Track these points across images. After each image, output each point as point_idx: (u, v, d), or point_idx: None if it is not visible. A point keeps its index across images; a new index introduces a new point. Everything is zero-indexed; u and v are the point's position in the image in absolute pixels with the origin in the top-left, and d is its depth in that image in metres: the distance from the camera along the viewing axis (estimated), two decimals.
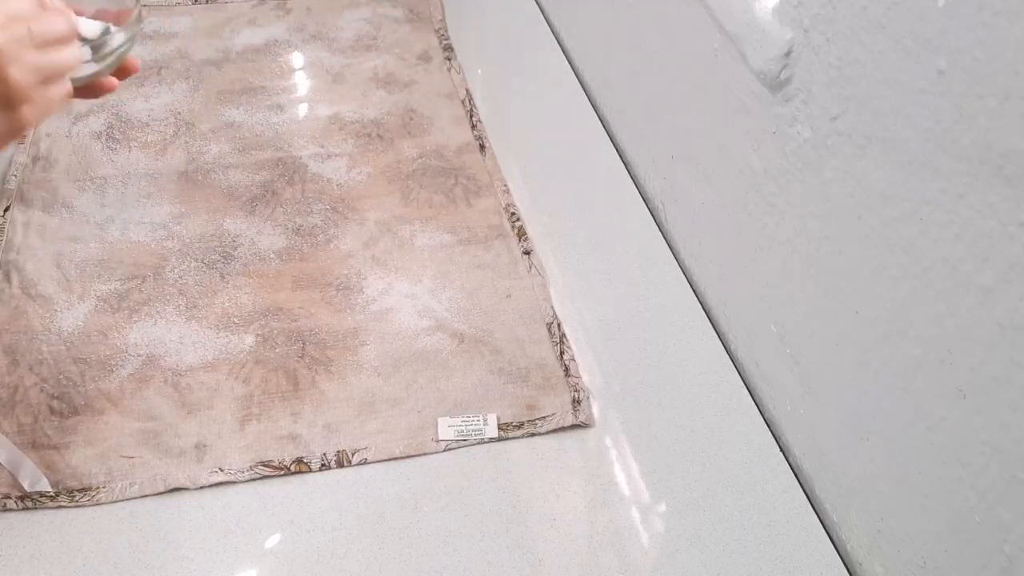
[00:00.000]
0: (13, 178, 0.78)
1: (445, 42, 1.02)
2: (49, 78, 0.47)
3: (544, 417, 0.63)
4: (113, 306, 0.68)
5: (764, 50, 0.60)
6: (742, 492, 0.60)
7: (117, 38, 0.53)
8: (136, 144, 0.83)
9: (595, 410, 0.65)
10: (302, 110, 0.90)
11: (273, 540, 0.55)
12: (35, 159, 0.81)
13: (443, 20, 1.06)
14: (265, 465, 0.59)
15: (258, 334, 0.67)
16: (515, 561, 0.55)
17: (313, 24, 1.03)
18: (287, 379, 0.64)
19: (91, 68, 0.53)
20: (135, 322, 0.67)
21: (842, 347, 0.57)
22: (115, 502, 0.56)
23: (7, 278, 0.69)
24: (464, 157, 0.86)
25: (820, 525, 0.59)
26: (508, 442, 0.62)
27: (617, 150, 0.90)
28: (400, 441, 0.61)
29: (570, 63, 1.02)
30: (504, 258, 0.75)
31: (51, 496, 0.56)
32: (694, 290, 0.76)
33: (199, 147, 0.84)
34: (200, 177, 0.80)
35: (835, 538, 0.60)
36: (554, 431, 0.63)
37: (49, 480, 0.56)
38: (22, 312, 0.67)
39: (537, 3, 1.12)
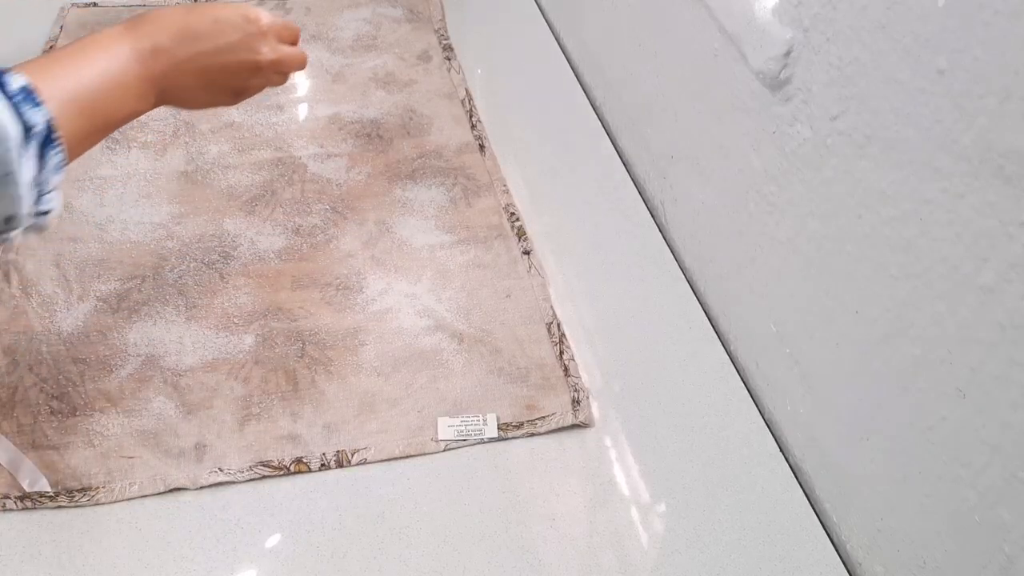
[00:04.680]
0: None
1: (445, 42, 1.02)
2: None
3: (544, 417, 0.63)
4: (112, 306, 0.68)
5: (764, 50, 0.60)
6: (742, 492, 0.60)
7: None
8: (136, 144, 0.83)
9: (595, 410, 0.65)
10: (302, 110, 0.90)
11: (273, 540, 0.55)
12: None
13: (443, 20, 1.06)
14: (265, 465, 0.59)
15: (258, 334, 0.67)
16: (515, 561, 0.55)
17: (313, 24, 1.03)
18: (287, 379, 0.64)
19: None
20: (134, 322, 0.67)
21: (842, 347, 0.57)
22: (115, 502, 0.56)
23: (7, 278, 0.69)
24: (464, 157, 0.86)
25: (820, 525, 0.59)
26: (508, 442, 0.62)
27: (617, 150, 0.90)
28: (400, 441, 0.61)
29: (570, 63, 1.02)
30: (504, 258, 0.75)
31: (51, 496, 0.56)
32: (694, 290, 0.76)
33: (199, 147, 0.84)
34: (200, 177, 0.80)
35: (835, 538, 0.60)
36: (554, 431, 0.63)
37: (48, 480, 0.56)
38: (22, 312, 0.66)
39: (537, 3, 1.12)
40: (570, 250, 0.78)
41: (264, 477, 0.58)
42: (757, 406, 0.67)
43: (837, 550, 0.58)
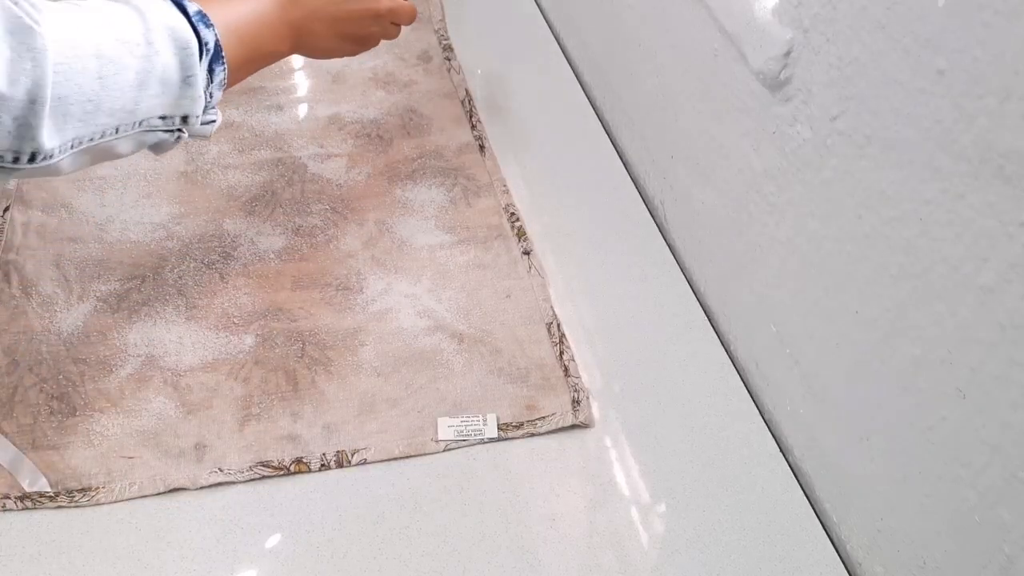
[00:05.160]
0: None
1: (445, 42, 1.02)
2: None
3: (544, 417, 0.63)
4: (112, 306, 0.68)
5: (764, 50, 0.60)
6: (742, 492, 0.60)
7: None
8: None
9: (595, 410, 0.65)
10: (302, 110, 0.90)
11: (273, 540, 0.55)
12: None
13: (443, 20, 1.06)
14: (264, 465, 0.59)
15: (258, 334, 0.67)
16: (515, 561, 0.55)
17: None
18: (287, 379, 0.64)
19: None
20: (134, 322, 0.67)
21: (842, 347, 0.57)
22: (115, 502, 0.56)
23: (7, 278, 0.69)
24: (464, 157, 0.86)
25: (820, 525, 0.59)
26: (508, 442, 0.62)
27: (617, 150, 0.90)
28: (400, 441, 0.61)
29: (570, 63, 1.02)
30: (504, 258, 0.75)
31: (51, 496, 0.56)
32: (694, 290, 0.76)
33: (199, 147, 0.84)
34: (199, 177, 0.80)
35: (835, 538, 0.60)
36: (554, 431, 0.63)
37: (48, 480, 0.56)
38: (22, 312, 0.66)
39: (537, 3, 1.12)
40: (570, 250, 0.78)
41: (264, 477, 0.58)
42: (757, 406, 0.67)
43: (837, 550, 0.58)
